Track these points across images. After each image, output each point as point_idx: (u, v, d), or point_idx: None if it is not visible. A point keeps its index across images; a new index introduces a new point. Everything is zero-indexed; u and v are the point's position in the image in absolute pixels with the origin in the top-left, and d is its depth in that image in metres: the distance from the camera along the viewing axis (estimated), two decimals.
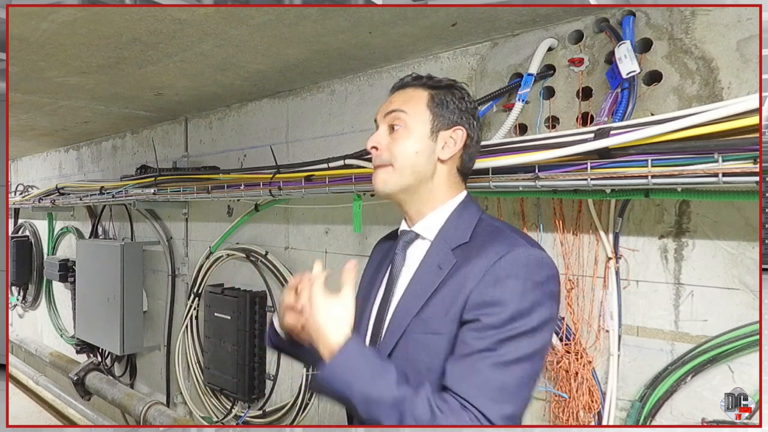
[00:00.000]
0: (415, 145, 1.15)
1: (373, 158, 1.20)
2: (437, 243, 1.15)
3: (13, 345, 5.56)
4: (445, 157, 1.17)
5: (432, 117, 1.16)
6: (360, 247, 2.38)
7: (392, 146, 1.16)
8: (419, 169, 1.15)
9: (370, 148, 1.19)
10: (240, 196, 2.62)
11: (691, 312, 1.50)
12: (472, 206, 1.20)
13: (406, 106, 1.17)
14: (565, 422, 1.67)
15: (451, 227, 1.15)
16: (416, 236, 1.20)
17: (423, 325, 1.08)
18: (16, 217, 5.77)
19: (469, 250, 1.10)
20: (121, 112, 3.24)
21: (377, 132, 1.20)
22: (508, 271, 1.02)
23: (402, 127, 1.16)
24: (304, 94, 2.61)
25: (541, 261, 1.05)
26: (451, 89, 1.20)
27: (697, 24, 1.46)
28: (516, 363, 0.98)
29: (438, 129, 1.17)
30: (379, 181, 1.17)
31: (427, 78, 1.21)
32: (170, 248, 3.56)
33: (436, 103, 1.17)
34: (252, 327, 2.79)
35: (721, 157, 1.21)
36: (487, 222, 1.16)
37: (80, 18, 1.74)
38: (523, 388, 0.99)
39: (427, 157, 1.16)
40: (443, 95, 1.18)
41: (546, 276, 1.04)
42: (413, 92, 1.20)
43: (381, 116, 1.21)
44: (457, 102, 1.18)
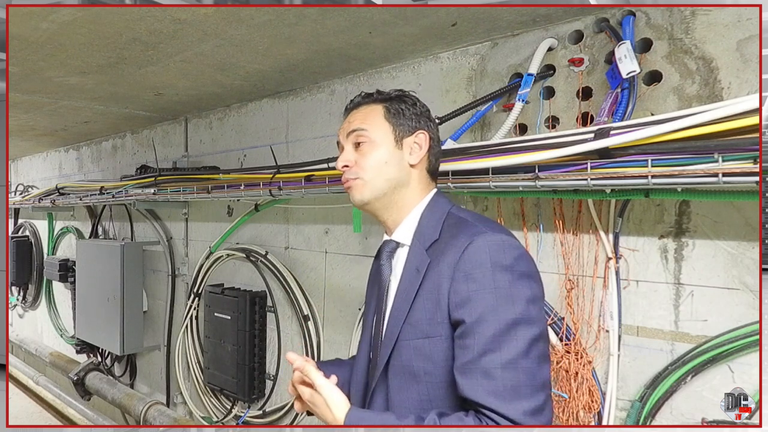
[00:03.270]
0: (383, 156, 1.19)
1: (343, 176, 1.23)
2: (414, 246, 1.18)
3: (13, 345, 5.57)
4: (415, 162, 1.21)
5: (392, 128, 1.21)
6: (360, 247, 2.38)
7: (361, 161, 1.20)
8: (391, 177, 1.19)
9: (341, 167, 1.23)
10: (240, 196, 2.62)
11: (691, 312, 1.50)
12: (441, 201, 1.22)
13: (366, 123, 1.21)
14: (565, 422, 1.67)
15: (423, 227, 1.18)
16: (396, 245, 1.23)
17: (413, 330, 1.11)
18: (16, 217, 5.77)
19: (438, 247, 1.12)
20: (121, 112, 3.24)
21: (344, 152, 1.23)
22: (474, 263, 1.04)
23: (367, 143, 1.20)
24: (304, 94, 2.61)
25: (502, 244, 1.06)
26: (402, 98, 1.25)
27: (697, 24, 1.46)
28: (522, 357, 0.99)
29: (401, 137, 1.21)
30: (355, 193, 1.21)
31: (377, 93, 1.26)
32: (170, 248, 3.56)
33: (393, 114, 1.21)
34: (252, 327, 2.79)
35: (721, 157, 1.21)
36: (453, 215, 1.18)
37: (80, 18, 1.74)
38: (536, 376, 1.00)
39: (398, 165, 1.20)
40: (396, 105, 1.23)
41: (513, 258, 1.05)
42: (367, 109, 1.24)
43: (343, 137, 1.25)
44: (411, 108, 1.23)
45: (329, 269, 2.53)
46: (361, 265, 2.38)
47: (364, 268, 2.35)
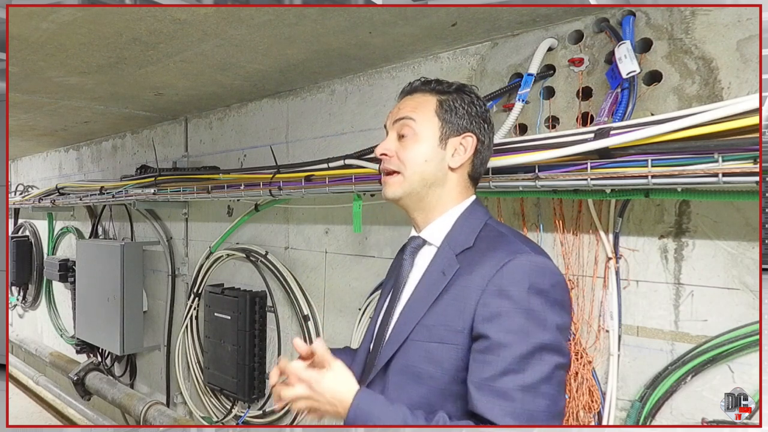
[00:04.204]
0: (424, 154, 1.14)
1: (381, 165, 1.20)
2: (443, 248, 1.14)
3: (13, 345, 5.56)
4: (455, 165, 1.16)
5: (441, 124, 1.16)
6: (360, 248, 2.38)
7: (401, 154, 1.16)
8: (428, 177, 1.15)
9: (379, 155, 1.19)
10: (240, 196, 2.62)
11: (691, 312, 1.50)
12: (479, 210, 1.19)
13: (414, 114, 1.16)
14: (565, 422, 1.67)
15: (456, 232, 1.15)
16: (423, 242, 1.19)
17: (427, 332, 1.08)
18: (16, 217, 5.77)
19: (472, 255, 1.09)
20: (121, 112, 3.24)
21: (386, 139, 1.19)
22: (511, 281, 1.01)
23: (411, 135, 1.15)
24: (304, 94, 2.61)
25: (544, 268, 1.04)
26: (460, 93, 1.19)
27: (697, 24, 1.46)
28: (544, 382, 0.97)
29: (447, 136, 1.16)
30: (389, 187, 1.18)
31: (436, 83, 1.20)
32: (170, 248, 3.56)
33: (445, 110, 1.16)
34: (252, 327, 2.79)
35: (721, 157, 1.21)
36: (491, 227, 1.15)
37: (80, 18, 1.74)
38: (555, 404, 0.98)
39: (437, 165, 1.15)
40: (452, 101, 1.17)
41: (551, 283, 1.03)
42: (421, 98, 1.19)
43: (390, 123, 1.20)
44: (466, 107, 1.17)
45: (329, 269, 2.53)
46: (361, 265, 2.38)
47: (364, 268, 2.36)
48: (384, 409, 1.00)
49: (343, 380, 1.04)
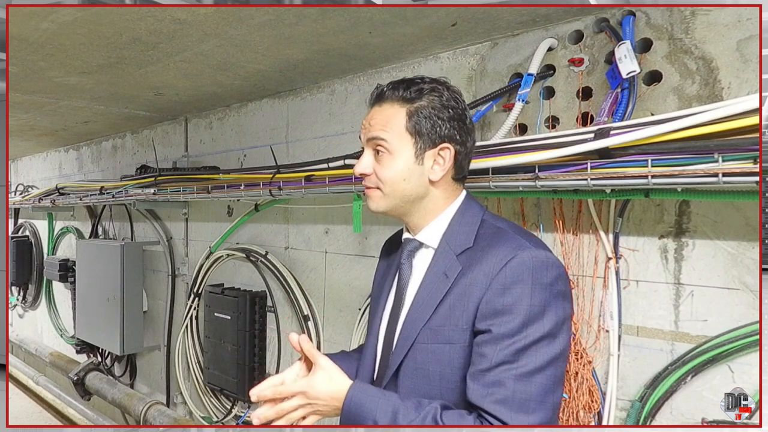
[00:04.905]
0: (401, 173, 1.12)
1: (363, 182, 1.19)
2: (442, 250, 1.14)
3: (13, 345, 5.56)
4: (436, 178, 1.14)
5: (414, 140, 1.12)
6: (360, 247, 2.38)
7: (379, 172, 1.14)
8: (409, 194, 1.14)
9: (358, 174, 1.17)
10: (240, 196, 2.62)
11: (691, 312, 1.50)
12: (473, 207, 1.19)
13: (385, 133, 1.12)
14: (565, 422, 1.67)
15: (454, 232, 1.14)
16: (420, 245, 1.19)
17: (433, 334, 1.08)
18: (16, 217, 5.77)
19: (473, 254, 1.09)
20: (121, 112, 3.24)
21: (363, 158, 1.17)
22: (514, 277, 1.02)
23: (386, 152, 1.13)
24: (304, 94, 2.61)
25: (546, 262, 1.04)
26: (430, 96, 1.12)
27: (697, 24, 1.46)
28: (538, 372, 0.98)
29: (423, 150, 1.12)
30: (372, 201, 1.17)
31: (403, 88, 1.14)
32: (170, 248, 3.56)
33: (415, 123, 1.11)
34: (252, 327, 2.79)
35: (721, 157, 1.21)
36: (489, 223, 1.15)
37: (80, 18, 1.74)
38: (548, 394, 0.99)
39: (417, 182, 1.13)
40: (422, 110, 1.11)
41: (554, 277, 1.03)
42: (390, 110, 1.14)
43: (364, 139, 1.18)
44: (437, 112, 1.11)
45: (329, 269, 2.53)
46: (360, 265, 2.38)
47: (364, 268, 2.36)
48: (376, 399, 1.03)
49: (334, 377, 1.07)
